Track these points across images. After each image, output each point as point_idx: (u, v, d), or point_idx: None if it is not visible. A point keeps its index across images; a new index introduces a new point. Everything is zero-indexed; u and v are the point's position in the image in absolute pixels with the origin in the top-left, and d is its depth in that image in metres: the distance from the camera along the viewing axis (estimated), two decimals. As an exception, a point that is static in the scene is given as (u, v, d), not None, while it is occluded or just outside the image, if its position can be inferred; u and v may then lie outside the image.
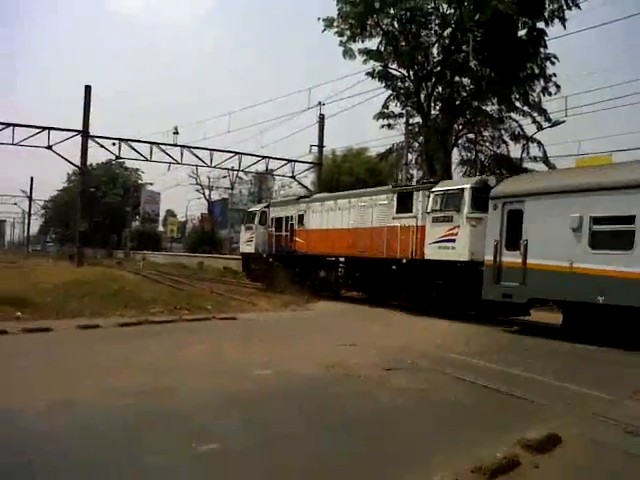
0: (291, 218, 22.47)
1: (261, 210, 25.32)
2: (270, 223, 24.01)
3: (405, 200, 16.67)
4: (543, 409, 6.21)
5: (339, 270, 19.92)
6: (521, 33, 24.54)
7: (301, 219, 21.85)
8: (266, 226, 24.32)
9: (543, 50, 24.90)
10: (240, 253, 29.07)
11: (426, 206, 15.58)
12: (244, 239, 26.52)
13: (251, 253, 25.24)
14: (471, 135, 29.02)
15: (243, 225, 27.48)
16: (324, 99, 32.43)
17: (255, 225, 24.86)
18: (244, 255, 27.05)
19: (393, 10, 24.59)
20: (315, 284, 20.85)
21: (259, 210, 25.52)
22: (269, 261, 23.74)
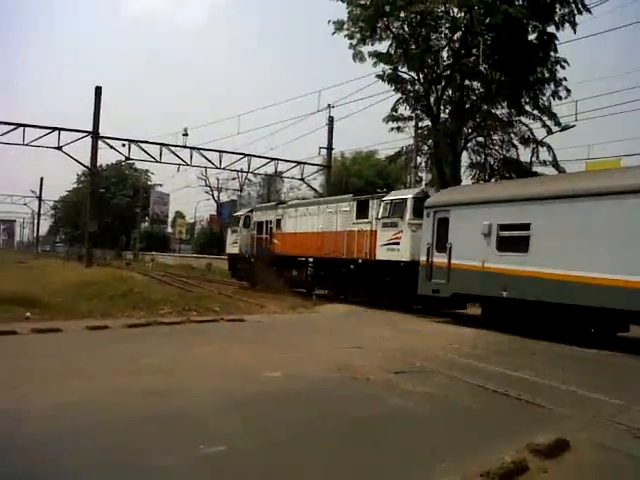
0: (270, 222, 24.56)
1: (245, 214, 27.44)
2: (253, 226, 25.99)
3: (363, 207, 18.69)
4: (552, 413, 6.17)
5: (309, 269, 21.73)
6: (531, 37, 24.39)
7: (279, 223, 23.86)
8: (249, 229, 26.29)
9: (553, 54, 24.75)
10: (226, 254, 30.66)
11: (378, 213, 17.56)
12: (230, 241, 28.44)
13: (236, 254, 27.20)
14: (480, 138, 28.81)
15: (229, 228, 29.64)
16: (334, 101, 32.52)
17: (240, 228, 26.92)
18: (230, 256, 28.96)
19: (403, 13, 24.45)
20: (291, 282, 22.38)
21: (243, 214, 27.68)
22: (251, 261, 25.55)
